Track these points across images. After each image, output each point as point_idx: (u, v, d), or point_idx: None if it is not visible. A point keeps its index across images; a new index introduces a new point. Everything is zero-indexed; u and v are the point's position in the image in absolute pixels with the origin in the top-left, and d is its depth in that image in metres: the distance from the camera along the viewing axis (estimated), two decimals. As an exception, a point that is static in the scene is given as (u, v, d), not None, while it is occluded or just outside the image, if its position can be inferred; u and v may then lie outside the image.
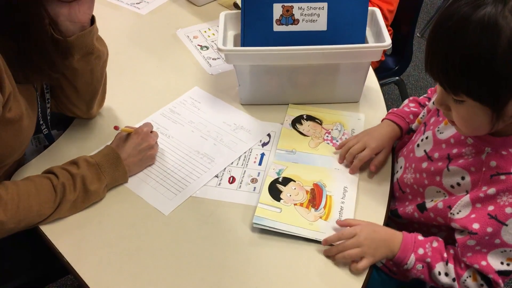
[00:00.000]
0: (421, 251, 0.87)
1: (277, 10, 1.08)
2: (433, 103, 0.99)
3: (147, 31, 1.47)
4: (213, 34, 1.44)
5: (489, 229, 0.80)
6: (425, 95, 1.11)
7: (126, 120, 1.16)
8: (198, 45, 1.40)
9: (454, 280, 0.85)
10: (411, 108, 1.08)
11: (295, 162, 1.04)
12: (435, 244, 0.88)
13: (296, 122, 1.14)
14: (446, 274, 0.85)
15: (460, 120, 0.79)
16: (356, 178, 1.01)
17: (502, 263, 0.82)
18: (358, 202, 0.97)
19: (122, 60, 1.35)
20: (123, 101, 1.21)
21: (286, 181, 0.99)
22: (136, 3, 1.58)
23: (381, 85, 1.85)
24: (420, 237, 0.89)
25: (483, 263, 0.82)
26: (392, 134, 1.04)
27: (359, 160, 1.01)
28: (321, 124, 1.14)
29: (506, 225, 0.79)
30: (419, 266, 0.87)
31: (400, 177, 1.00)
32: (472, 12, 0.69)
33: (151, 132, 1.05)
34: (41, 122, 1.05)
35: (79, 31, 0.93)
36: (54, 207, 0.90)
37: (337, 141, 1.09)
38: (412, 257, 0.86)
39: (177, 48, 1.40)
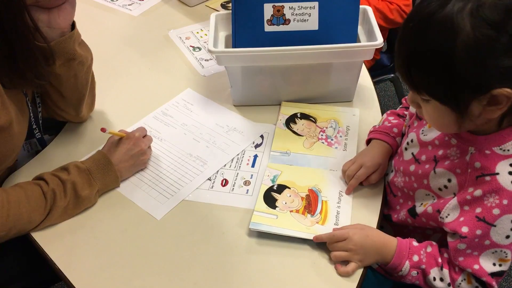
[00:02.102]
0: (415, 258, 0.86)
1: (268, 10, 1.07)
2: None
3: (139, 32, 1.46)
4: (206, 35, 1.43)
5: (478, 232, 0.79)
6: (401, 106, 1.10)
7: (118, 124, 1.15)
8: (191, 46, 1.39)
9: (449, 285, 0.84)
10: (392, 121, 1.06)
11: (289, 164, 1.03)
12: (429, 249, 0.87)
13: (290, 121, 1.13)
14: (441, 279, 0.85)
15: (429, 118, 0.80)
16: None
17: (494, 264, 0.81)
18: (353, 205, 0.96)
19: (114, 62, 1.34)
20: (115, 104, 1.20)
21: (281, 188, 0.98)
22: (128, 5, 1.57)
23: (377, 83, 1.85)
24: (415, 243, 0.88)
25: (476, 266, 0.81)
26: (384, 150, 1.01)
27: (355, 179, 0.97)
28: (315, 122, 1.13)
29: (495, 226, 0.78)
30: (414, 273, 0.86)
31: (391, 180, 0.99)
32: (435, 12, 0.69)
33: (145, 136, 1.04)
34: (34, 126, 1.04)
35: (59, 37, 0.91)
36: (45, 214, 0.89)
37: (331, 139, 1.08)
38: (407, 264, 0.86)
39: (170, 49, 1.39)
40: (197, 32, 1.44)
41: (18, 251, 0.98)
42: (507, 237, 0.79)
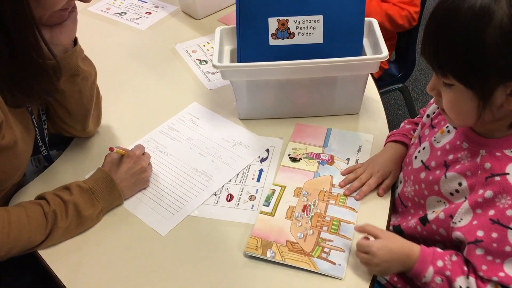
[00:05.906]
0: (440, 263, 0.82)
1: (273, 24, 1.07)
2: (427, 116, 0.99)
3: (146, 46, 1.47)
4: (212, 48, 1.43)
5: (494, 235, 0.77)
6: (418, 116, 1.09)
7: (125, 139, 1.15)
8: (197, 59, 1.39)
9: None
10: (408, 127, 1.07)
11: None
12: (454, 258, 0.84)
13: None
14: None
15: (449, 105, 0.79)
16: (358, 203, 0.98)
17: None
18: (359, 215, 0.96)
19: (122, 77, 1.35)
20: (122, 118, 1.21)
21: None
22: (136, 19, 1.59)
23: (386, 93, 1.84)
24: (439, 250, 0.85)
25: (501, 274, 0.78)
26: (396, 155, 1.02)
27: (367, 186, 0.99)
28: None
29: (511, 228, 0.76)
30: (438, 279, 0.82)
31: (401, 192, 0.98)
32: None
33: (143, 154, 1.04)
34: (40, 143, 1.05)
35: (62, 53, 0.93)
36: (46, 234, 0.89)
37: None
38: (431, 270, 0.82)
39: (176, 63, 1.39)
40: (204, 45, 1.45)
41: (25, 268, 0.99)
42: None
